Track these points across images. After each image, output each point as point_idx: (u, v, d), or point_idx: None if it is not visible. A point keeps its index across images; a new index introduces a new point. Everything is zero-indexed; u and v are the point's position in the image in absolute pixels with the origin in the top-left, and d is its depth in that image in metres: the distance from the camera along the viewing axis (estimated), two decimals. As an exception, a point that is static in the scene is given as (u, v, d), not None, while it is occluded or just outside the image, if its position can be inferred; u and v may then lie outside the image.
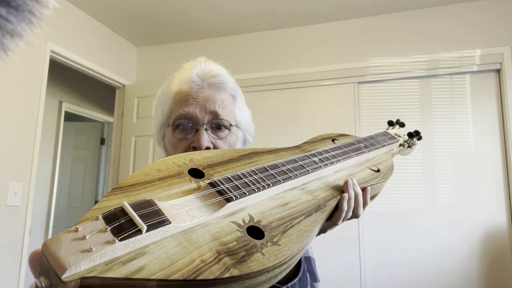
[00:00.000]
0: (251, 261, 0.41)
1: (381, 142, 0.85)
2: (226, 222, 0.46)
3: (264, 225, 0.48)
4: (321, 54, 2.99)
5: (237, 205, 0.49)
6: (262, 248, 0.43)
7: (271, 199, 0.54)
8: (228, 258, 0.40)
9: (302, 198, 0.57)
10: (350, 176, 0.68)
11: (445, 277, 2.48)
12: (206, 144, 0.78)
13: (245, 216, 0.48)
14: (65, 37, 2.76)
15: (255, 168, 0.58)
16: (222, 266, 0.39)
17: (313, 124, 2.90)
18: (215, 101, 0.81)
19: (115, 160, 3.31)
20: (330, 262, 2.65)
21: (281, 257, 0.43)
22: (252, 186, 0.53)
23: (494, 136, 2.57)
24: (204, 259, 0.39)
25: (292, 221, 0.51)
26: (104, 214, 0.40)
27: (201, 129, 0.79)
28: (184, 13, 2.94)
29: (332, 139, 0.83)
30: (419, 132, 0.98)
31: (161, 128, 0.87)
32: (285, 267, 0.46)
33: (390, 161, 0.81)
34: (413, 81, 2.79)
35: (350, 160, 0.73)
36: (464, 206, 2.53)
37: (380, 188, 0.74)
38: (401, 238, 2.60)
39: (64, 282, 0.33)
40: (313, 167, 0.64)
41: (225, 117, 0.81)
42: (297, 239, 0.48)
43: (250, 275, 0.40)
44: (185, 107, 0.80)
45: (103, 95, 4.43)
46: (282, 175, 0.59)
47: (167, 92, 0.86)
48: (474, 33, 2.69)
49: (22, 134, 2.40)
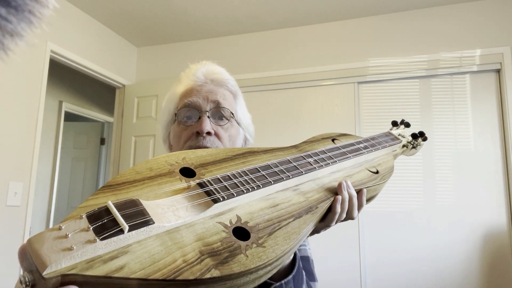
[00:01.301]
0: (234, 263, 0.41)
1: (382, 143, 0.84)
2: (212, 223, 0.46)
3: (251, 226, 0.47)
4: (321, 54, 2.99)
5: (225, 205, 0.49)
6: (247, 249, 0.43)
7: (262, 200, 0.54)
8: (210, 259, 0.40)
9: (293, 200, 0.56)
10: (346, 177, 0.67)
11: (445, 277, 2.48)
12: (208, 129, 0.80)
13: (232, 216, 0.48)
14: (65, 37, 2.76)
15: (247, 168, 0.58)
16: (204, 267, 0.39)
17: (313, 124, 2.90)
18: (217, 93, 0.85)
19: (115, 160, 3.31)
20: (330, 262, 2.65)
21: (264, 259, 0.43)
22: (241, 187, 0.52)
23: (494, 136, 2.57)
24: (186, 259, 0.39)
25: (280, 223, 0.50)
26: (88, 213, 0.41)
27: (203, 116, 0.82)
28: (184, 13, 2.94)
29: (332, 139, 0.82)
30: (423, 133, 0.95)
31: (167, 126, 0.90)
32: (270, 269, 0.45)
33: (391, 162, 0.80)
34: (413, 81, 2.79)
35: (348, 162, 0.72)
36: (464, 206, 2.53)
37: (378, 190, 0.73)
38: (401, 238, 2.60)
39: (45, 279, 0.34)
40: (307, 168, 0.63)
41: (226, 106, 0.84)
42: (283, 241, 0.47)
43: (232, 276, 0.40)
44: (189, 98, 0.84)
45: (103, 95, 4.43)
46: (274, 176, 0.58)
47: (174, 93, 0.90)
48: (474, 33, 2.68)
49: (22, 134, 2.40)
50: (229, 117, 0.84)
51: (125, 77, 3.37)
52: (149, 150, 3.19)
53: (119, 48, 3.33)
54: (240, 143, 0.88)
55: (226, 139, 0.83)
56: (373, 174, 0.72)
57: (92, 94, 4.39)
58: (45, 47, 2.57)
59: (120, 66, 3.32)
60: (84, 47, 2.93)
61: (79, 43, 2.89)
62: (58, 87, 3.99)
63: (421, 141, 0.96)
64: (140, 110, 3.29)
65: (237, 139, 0.87)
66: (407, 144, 0.92)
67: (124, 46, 3.40)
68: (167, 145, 0.91)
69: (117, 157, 3.30)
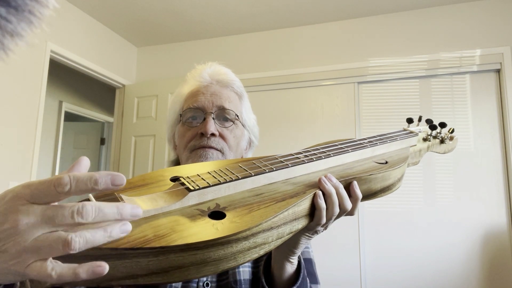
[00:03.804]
0: (201, 234, 0.41)
1: (392, 137, 0.77)
2: (190, 210, 0.47)
3: (228, 210, 0.48)
4: (321, 54, 2.99)
5: (203, 195, 0.49)
6: (218, 225, 0.44)
7: (246, 192, 0.53)
8: (180, 232, 0.42)
9: (280, 189, 0.55)
10: (344, 170, 0.63)
11: (445, 277, 2.48)
12: (212, 130, 0.80)
13: (211, 204, 0.49)
14: (65, 37, 2.76)
15: (229, 167, 0.58)
16: (172, 238, 0.40)
17: (313, 124, 2.90)
18: (222, 95, 0.84)
19: (115, 160, 3.31)
20: (330, 262, 2.65)
21: (234, 230, 0.43)
22: (217, 178, 0.53)
23: (494, 136, 2.57)
24: (157, 234, 0.41)
25: (259, 205, 0.49)
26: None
27: (208, 117, 0.82)
28: (184, 13, 2.94)
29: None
30: (444, 123, 0.84)
31: (172, 126, 0.90)
32: (247, 244, 0.44)
33: (405, 154, 0.73)
34: (413, 81, 2.79)
35: (347, 156, 0.67)
36: (464, 206, 2.53)
37: (390, 177, 0.65)
38: (401, 238, 2.60)
39: None
40: (295, 161, 0.61)
41: (231, 108, 0.84)
42: (259, 218, 0.46)
43: (198, 245, 0.40)
44: (194, 100, 0.84)
45: (103, 95, 4.43)
46: (256, 169, 0.57)
47: (180, 93, 0.90)
48: (474, 33, 2.68)
49: (22, 134, 2.40)
50: (234, 119, 0.84)
51: (125, 77, 3.37)
52: (149, 150, 3.19)
53: (119, 48, 3.33)
54: (244, 144, 0.88)
55: (231, 139, 0.83)
56: (380, 164, 0.67)
57: (92, 94, 4.39)
58: (45, 47, 2.57)
59: (120, 66, 3.32)
60: (84, 47, 2.93)
61: (79, 43, 2.89)
62: (58, 87, 3.99)
63: (449, 133, 0.86)
64: (140, 110, 3.29)
65: (242, 140, 0.86)
66: (428, 137, 0.83)
67: (124, 46, 3.40)
68: (172, 145, 0.91)
69: (117, 157, 3.30)
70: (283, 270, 0.65)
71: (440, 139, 0.85)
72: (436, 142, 0.85)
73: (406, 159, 0.70)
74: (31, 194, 0.35)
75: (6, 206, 0.35)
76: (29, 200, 0.35)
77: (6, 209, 0.35)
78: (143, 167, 3.18)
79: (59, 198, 0.35)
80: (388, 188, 0.66)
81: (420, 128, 0.87)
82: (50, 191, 0.35)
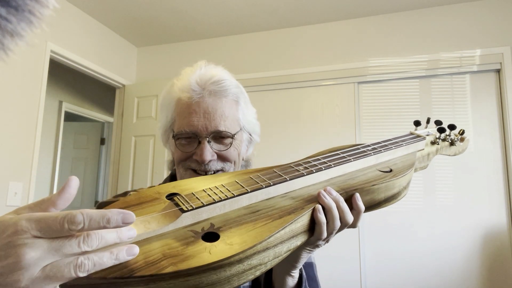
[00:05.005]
0: (193, 259, 0.41)
1: (397, 142, 0.73)
2: (184, 231, 0.46)
3: (222, 230, 0.46)
4: (321, 54, 2.99)
5: (197, 215, 0.48)
6: (211, 248, 0.42)
7: (242, 209, 0.51)
8: (172, 258, 0.41)
9: (278, 204, 0.53)
10: (346, 181, 0.60)
11: (445, 277, 2.48)
12: (209, 158, 0.76)
13: (205, 224, 0.47)
14: (65, 37, 2.76)
15: (225, 182, 0.56)
16: (163, 265, 0.40)
17: (313, 124, 2.90)
18: (216, 113, 0.77)
19: (115, 160, 3.31)
20: (330, 263, 2.65)
21: (228, 254, 0.41)
22: (212, 197, 0.51)
23: (494, 136, 2.57)
24: (148, 261, 0.40)
25: (255, 224, 0.48)
26: None
27: (203, 141, 0.76)
28: (184, 13, 2.94)
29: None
30: (454, 125, 0.81)
31: (165, 132, 0.86)
32: (241, 267, 0.43)
33: (411, 160, 0.70)
34: (413, 81, 2.79)
35: (349, 165, 0.64)
36: (464, 206, 2.53)
37: (395, 187, 0.63)
38: (401, 238, 2.60)
39: None
40: (294, 175, 0.58)
41: (227, 129, 0.78)
42: (254, 239, 0.44)
43: (190, 271, 0.39)
44: (186, 123, 0.77)
45: (103, 95, 4.43)
46: (253, 185, 0.55)
47: (168, 97, 0.84)
48: (474, 33, 2.68)
49: (22, 134, 2.40)
50: (232, 137, 0.79)
51: (125, 77, 3.37)
52: (149, 150, 3.19)
53: (119, 48, 3.33)
54: (245, 147, 0.85)
55: (231, 155, 0.79)
56: (384, 173, 0.64)
57: (92, 94, 4.39)
58: (45, 47, 2.57)
59: (120, 66, 3.32)
60: (84, 47, 2.92)
61: (79, 43, 2.89)
62: (58, 87, 3.99)
63: (460, 135, 0.82)
64: (140, 110, 3.29)
65: (242, 146, 0.83)
66: (436, 140, 0.80)
67: (124, 46, 3.40)
68: (168, 148, 0.89)
69: (117, 157, 3.30)
70: (284, 284, 0.64)
71: (450, 142, 0.81)
72: (446, 144, 0.81)
73: (412, 165, 0.67)
74: (39, 229, 0.35)
75: (10, 239, 0.35)
76: (35, 235, 0.35)
77: (9, 243, 0.34)
78: (143, 167, 3.18)
79: (69, 234, 0.36)
80: (393, 198, 0.64)
81: (428, 131, 0.83)
82: (62, 228, 0.35)
